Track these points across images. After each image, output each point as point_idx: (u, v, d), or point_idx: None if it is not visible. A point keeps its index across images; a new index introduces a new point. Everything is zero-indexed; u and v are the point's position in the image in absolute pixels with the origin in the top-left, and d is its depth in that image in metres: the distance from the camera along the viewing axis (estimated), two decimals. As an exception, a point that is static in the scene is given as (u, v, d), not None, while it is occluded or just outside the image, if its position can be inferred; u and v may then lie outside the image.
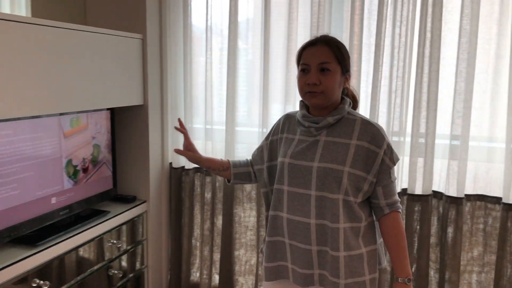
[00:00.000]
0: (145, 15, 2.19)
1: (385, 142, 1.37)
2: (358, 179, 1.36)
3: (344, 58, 1.38)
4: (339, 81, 1.37)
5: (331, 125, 1.39)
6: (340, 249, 1.36)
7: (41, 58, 1.65)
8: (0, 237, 1.63)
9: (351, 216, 1.37)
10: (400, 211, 1.42)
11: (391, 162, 1.38)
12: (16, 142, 1.67)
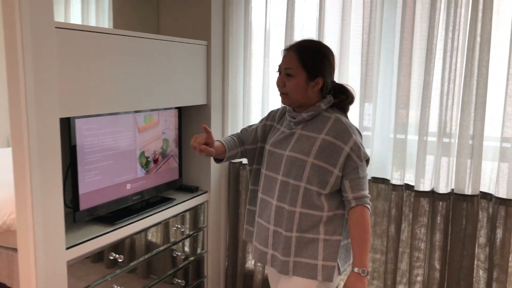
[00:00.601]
0: (210, 24, 2.42)
1: (352, 139, 1.47)
2: (323, 171, 1.48)
3: (310, 64, 1.48)
4: (303, 85, 1.49)
5: (307, 120, 1.54)
6: (293, 230, 1.51)
7: (120, 64, 1.93)
8: (85, 215, 1.93)
9: (310, 203, 1.49)
10: (367, 206, 1.49)
11: (358, 159, 1.47)
12: (100, 135, 1.97)
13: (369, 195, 1.52)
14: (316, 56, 1.50)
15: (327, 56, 1.53)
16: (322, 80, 1.51)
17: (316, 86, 1.51)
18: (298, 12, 2.37)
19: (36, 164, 1.58)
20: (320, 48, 1.52)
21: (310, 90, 1.51)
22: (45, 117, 1.59)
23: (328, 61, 1.53)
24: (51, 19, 1.59)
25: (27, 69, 1.52)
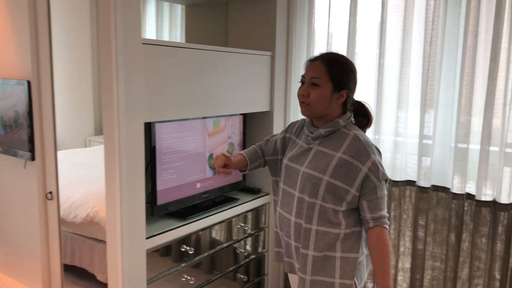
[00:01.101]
0: (275, 36, 2.58)
1: (370, 159, 1.43)
2: (339, 190, 1.45)
3: (338, 76, 1.47)
4: (328, 96, 1.47)
5: (325, 136, 1.51)
6: (310, 248, 1.49)
7: (194, 74, 2.14)
8: (161, 210, 2.15)
9: (326, 221, 1.47)
10: (386, 226, 1.45)
11: (377, 180, 1.44)
12: (175, 138, 2.18)
13: (387, 214, 1.48)
14: (344, 69, 1.49)
15: (353, 71, 1.53)
16: (346, 93, 1.50)
17: (340, 98, 1.50)
18: (360, 16, 2.45)
19: (124, 163, 1.81)
20: (348, 62, 1.52)
21: (334, 102, 1.49)
22: (132, 121, 1.82)
23: (354, 75, 1.52)
24: (139, 36, 1.82)
25: (120, 79, 1.75)
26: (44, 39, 2.12)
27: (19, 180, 2.41)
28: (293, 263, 1.60)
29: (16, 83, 2.22)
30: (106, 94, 1.79)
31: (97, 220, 2.65)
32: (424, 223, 2.34)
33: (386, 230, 1.46)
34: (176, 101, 2.05)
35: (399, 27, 2.34)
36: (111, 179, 1.82)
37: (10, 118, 2.29)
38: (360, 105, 1.60)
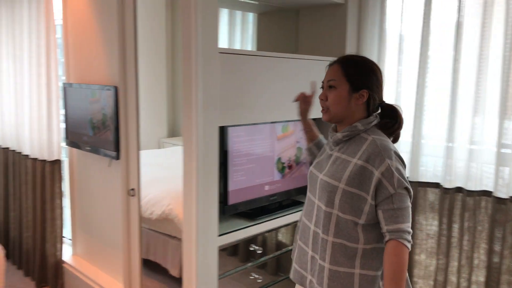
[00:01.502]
0: (345, 42, 2.60)
1: (384, 163, 1.32)
2: (356, 198, 1.35)
3: (355, 76, 1.40)
4: (346, 97, 1.40)
5: (345, 141, 1.43)
6: (326, 260, 1.39)
7: (263, 80, 2.22)
8: (231, 209, 2.25)
9: (344, 233, 1.37)
10: (403, 242, 1.30)
11: (392, 187, 1.31)
12: (246, 141, 2.28)
13: (409, 229, 1.32)
14: (361, 68, 1.42)
15: (374, 70, 1.43)
16: (367, 93, 1.41)
17: (361, 99, 1.41)
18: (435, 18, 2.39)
19: (201, 164, 1.93)
20: (366, 61, 1.45)
21: (354, 103, 1.41)
22: (209, 125, 1.95)
23: (375, 75, 1.43)
24: (216, 46, 1.94)
25: (199, 86, 1.88)
26: (131, 49, 2.32)
27: (104, 177, 2.64)
28: (305, 276, 1.50)
29: (105, 88, 2.45)
30: (186, 100, 1.93)
31: (171, 217, 2.82)
32: (501, 235, 2.24)
33: (403, 246, 1.30)
34: (248, 106, 2.15)
35: (477, 30, 2.26)
36: (189, 178, 1.95)
37: (99, 120, 2.52)
38: (391, 108, 1.48)
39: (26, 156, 3.04)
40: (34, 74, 2.88)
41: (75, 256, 3.00)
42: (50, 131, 2.84)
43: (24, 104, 3.03)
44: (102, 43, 2.51)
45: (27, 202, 3.08)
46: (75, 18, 2.73)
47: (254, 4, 2.79)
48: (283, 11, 2.85)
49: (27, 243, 3.13)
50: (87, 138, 2.63)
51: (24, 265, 3.18)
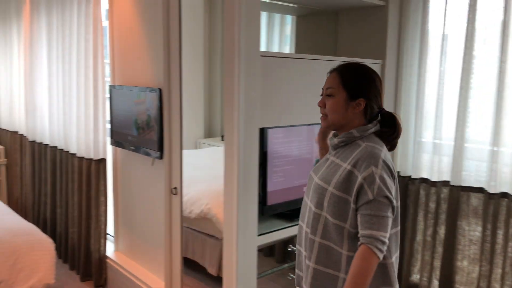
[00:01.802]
0: (386, 44, 2.58)
1: (369, 169, 1.33)
2: (342, 202, 1.36)
3: (351, 84, 1.42)
4: (343, 105, 1.42)
5: (341, 147, 1.45)
6: (312, 260, 1.42)
7: (302, 83, 2.23)
8: (270, 210, 2.28)
9: (331, 236, 1.39)
10: (372, 249, 1.28)
11: (371, 193, 1.32)
12: (284, 143, 2.30)
13: (382, 238, 1.30)
14: (358, 77, 1.44)
15: (372, 78, 1.44)
16: (364, 101, 1.42)
17: (358, 107, 1.42)
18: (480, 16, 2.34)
19: (241, 164, 1.97)
20: (364, 69, 1.46)
21: (351, 111, 1.43)
22: (250, 126, 1.98)
23: (373, 84, 1.44)
24: (258, 49, 1.98)
25: (241, 88, 1.92)
26: (175, 52, 2.40)
27: (146, 176, 2.73)
28: (300, 276, 1.55)
29: (149, 90, 2.54)
30: (227, 102, 1.97)
31: (209, 217, 2.88)
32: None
33: (372, 253, 1.28)
34: (287, 108, 2.17)
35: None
36: (230, 179, 1.99)
37: (143, 121, 2.61)
38: (389, 115, 1.49)
39: (73, 155, 3.18)
40: (82, 76, 3.01)
41: (117, 252, 3.11)
42: (96, 131, 2.97)
43: (72, 105, 3.18)
44: (147, 46, 2.60)
45: (73, 199, 3.23)
46: (120, 22, 2.84)
47: (293, 7, 2.82)
48: (322, 13, 2.86)
49: (73, 238, 3.27)
50: (132, 138, 2.73)
51: (70, 259, 3.32)
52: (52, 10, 3.36)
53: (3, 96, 4.51)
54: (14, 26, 4.15)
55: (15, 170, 4.32)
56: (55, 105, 3.43)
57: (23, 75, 3.97)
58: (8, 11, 4.25)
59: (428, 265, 2.63)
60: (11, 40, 4.25)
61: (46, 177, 3.62)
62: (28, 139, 3.85)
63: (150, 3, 2.55)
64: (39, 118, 3.70)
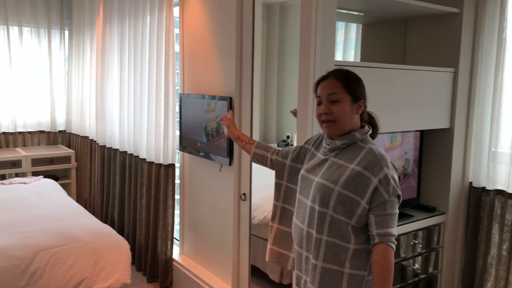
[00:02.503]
0: (459, 52, 2.52)
1: (382, 172, 1.41)
2: (350, 201, 1.43)
3: (353, 87, 1.50)
4: (350, 109, 1.50)
5: (342, 148, 1.51)
6: (319, 258, 1.48)
7: (372, 91, 2.22)
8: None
9: (337, 233, 1.45)
10: (391, 245, 1.40)
11: (387, 194, 1.40)
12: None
13: (395, 233, 1.42)
14: (356, 80, 1.54)
15: (362, 82, 1.56)
16: (364, 103, 1.53)
17: (359, 109, 1.52)
18: None
19: (315, 172, 1.99)
20: (355, 74, 1.56)
21: (354, 114, 1.52)
22: (323, 134, 2.00)
23: (364, 87, 1.56)
24: (332, 58, 2.00)
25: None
26: (248, 62, 2.47)
27: (214, 181, 2.81)
28: (301, 276, 1.60)
29: (219, 99, 2.62)
30: (301, 111, 2.00)
31: (273, 223, 2.91)
32: None
33: (391, 249, 1.40)
34: (359, 117, 2.17)
35: None
36: (302, 186, 2.02)
37: (213, 129, 2.70)
38: (370, 116, 1.61)
39: (143, 160, 3.34)
40: (153, 84, 3.16)
41: (182, 255, 3.21)
42: (166, 138, 3.10)
43: (143, 112, 3.34)
44: (218, 55, 2.69)
45: (141, 202, 3.37)
46: (191, 31, 2.96)
47: (358, 15, 2.81)
48: (389, 21, 2.84)
49: (140, 240, 3.42)
50: (201, 144, 2.83)
51: (137, 260, 3.47)
52: (125, 20, 3.56)
53: (75, 103, 4.81)
54: (87, 37, 4.43)
55: (84, 173, 4.58)
56: (126, 111, 3.62)
57: (94, 83, 4.22)
58: (82, 23, 4.54)
59: (503, 280, 2.51)
60: (83, 50, 4.53)
61: (115, 180, 3.81)
62: (98, 143, 4.07)
63: (222, 13, 2.64)
64: (109, 124, 3.91)
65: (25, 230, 2.52)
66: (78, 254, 2.39)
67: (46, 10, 4.82)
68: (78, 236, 2.51)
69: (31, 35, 4.79)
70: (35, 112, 4.87)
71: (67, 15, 4.97)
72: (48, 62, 4.88)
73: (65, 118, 5.07)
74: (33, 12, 4.75)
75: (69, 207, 3.03)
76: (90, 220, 2.77)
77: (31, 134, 4.89)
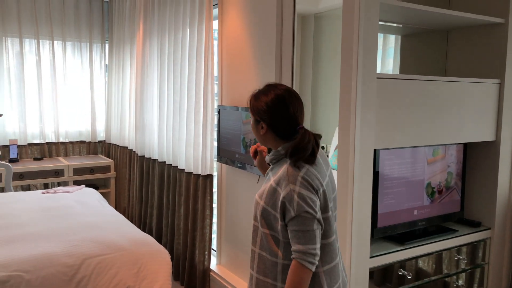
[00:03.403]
0: (505, 63, 2.45)
1: (288, 187, 1.43)
2: (272, 216, 1.47)
3: (255, 109, 1.55)
4: (254, 127, 1.59)
5: (274, 163, 1.56)
6: (254, 269, 1.55)
7: (414, 104, 2.19)
8: (380, 232, 2.24)
9: (266, 247, 1.51)
10: (301, 262, 1.39)
11: (292, 210, 1.41)
12: (396, 164, 2.27)
13: (310, 251, 1.40)
14: (258, 101, 1.55)
15: (269, 103, 1.51)
16: (265, 125, 1.53)
17: (262, 130, 1.56)
18: None
19: (356, 185, 1.98)
20: (266, 93, 1.53)
21: (260, 132, 1.57)
22: (364, 147, 1.99)
23: (274, 109, 1.51)
24: (374, 71, 1.99)
25: (357, 109, 1.94)
26: (287, 75, 2.49)
27: (252, 193, 2.83)
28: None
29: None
30: (342, 123, 2.00)
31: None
32: None
33: (302, 266, 1.40)
34: (399, 130, 2.15)
35: None
36: (344, 200, 2.01)
37: (251, 140, 2.73)
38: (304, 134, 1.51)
39: (181, 170, 3.40)
40: (192, 96, 3.23)
41: (219, 266, 3.24)
42: (204, 148, 3.15)
43: (182, 123, 3.41)
44: (256, 68, 2.73)
45: (179, 212, 3.43)
46: (230, 44, 3.01)
47: (397, 26, 2.79)
48: (430, 32, 2.80)
49: (178, 249, 3.47)
50: (239, 155, 2.86)
51: (175, 270, 3.52)
52: (165, 34, 3.66)
53: (114, 114, 4.96)
54: (127, 50, 4.58)
55: (123, 183, 4.71)
56: (165, 122, 3.70)
57: (134, 94, 4.35)
58: (122, 36, 4.70)
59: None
60: (123, 62, 4.69)
61: (153, 190, 3.90)
62: (137, 154, 4.18)
63: (261, 25, 2.68)
64: (148, 135, 4.01)
65: (71, 238, 2.61)
66: (122, 263, 2.45)
67: (89, 25, 5.02)
68: (121, 245, 2.57)
69: (74, 49, 5.00)
70: (76, 123, 5.06)
71: (108, 29, 5.16)
72: (89, 74, 5.07)
73: (105, 129, 5.23)
74: (76, 27, 4.95)
75: (111, 216, 3.12)
76: (132, 230, 2.84)
77: (73, 144, 5.08)
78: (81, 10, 4.97)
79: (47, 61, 4.84)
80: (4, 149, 4.68)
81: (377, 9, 1.97)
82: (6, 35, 4.62)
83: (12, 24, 4.62)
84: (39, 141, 4.86)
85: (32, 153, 4.84)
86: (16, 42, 4.66)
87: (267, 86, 1.59)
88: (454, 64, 2.72)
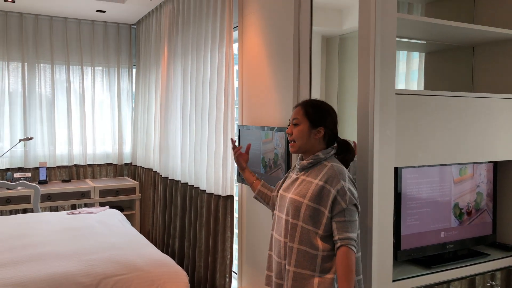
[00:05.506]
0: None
1: (339, 184, 1.65)
2: (316, 212, 1.66)
3: (312, 115, 1.74)
4: (307, 132, 1.74)
5: (309, 167, 1.76)
6: (291, 264, 1.68)
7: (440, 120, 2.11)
8: (404, 255, 2.13)
9: (306, 241, 1.66)
10: (351, 248, 1.60)
11: (344, 203, 1.63)
12: (420, 184, 2.17)
13: (355, 238, 1.62)
14: (318, 109, 1.76)
15: (329, 111, 1.77)
16: (323, 129, 1.74)
17: (318, 134, 1.74)
18: None
19: (376, 206, 1.90)
20: (322, 104, 1.78)
21: (313, 137, 1.75)
22: (384, 165, 1.92)
23: (330, 116, 1.76)
24: (393, 87, 1.93)
25: (375, 126, 1.88)
26: (305, 93, 2.46)
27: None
28: (282, 284, 1.76)
29: (277, 130, 2.62)
30: (361, 141, 1.94)
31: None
32: None
33: (351, 251, 1.60)
34: (423, 147, 2.06)
35: None
36: (364, 216, 1.92)
37: (270, 160, 2.69)
38: (344, 143, 1.79)
39: (203, 191, 3.39)
40: (213, 117, 3.24)
41: (240, 288, 3.16)
42: (225, 169, 3.13)
43: (203, 145, 3.41)
44: (275, 88, 2.72)
45: (201, 234, 3.40)
46: (250, 65, 3.02)
47: (421, 43, 2.73)
48: (455, 49, 2.72)
49: (199, 272, 3.42)
50: (259, 175, 2.82)
51: (195, 291, 3.47)
52: (188, 57, 3.72)
53: (140, 136, 5.04)
54: (152, 74, 4.68)
55: (148, 204, 4.73)
56: (187, 144, 3.72)
57: (158, 118, 4.41)
58: (148, 61, 4.82)
59: None
60: (149, 86, 4.79)
61: (176, 212, 3.89)
62: (161, 175, 4.21)
63: (280, 47, 2.68)
64: (172, 157, 4.04)
65: (89, 258, 2.62)
66: (138, 283, 2.42)
67: (117, 50, 5.18)
68: (139, 266, 2.55)
69: (102, 74, 5.16)
70: (103, 146, 5.17)
71: (135, 55, 5.31)
72: (116, 98, 5.20)
73: (131, 151, 5.32)
74: (105, 53, 5.12)
75: (132, 237, 3.12)
76: (151, 250, 2.82)
77: (100, 166, 5.17)
78: (109, 36, 5.15)
79: (77, 86, 5.00)
80: (34, 171, 4.82)
81: (394, 24, 1.93)
82: (39, 62, 4.82)
83: (45, 52, 4.82)
84: (67, 163, 4.99)
85: (61, 175, 4.96)
86: (48, 68, 4.86)
87: (312, 99, 1.83)
88: (481, 81, 2.62)
